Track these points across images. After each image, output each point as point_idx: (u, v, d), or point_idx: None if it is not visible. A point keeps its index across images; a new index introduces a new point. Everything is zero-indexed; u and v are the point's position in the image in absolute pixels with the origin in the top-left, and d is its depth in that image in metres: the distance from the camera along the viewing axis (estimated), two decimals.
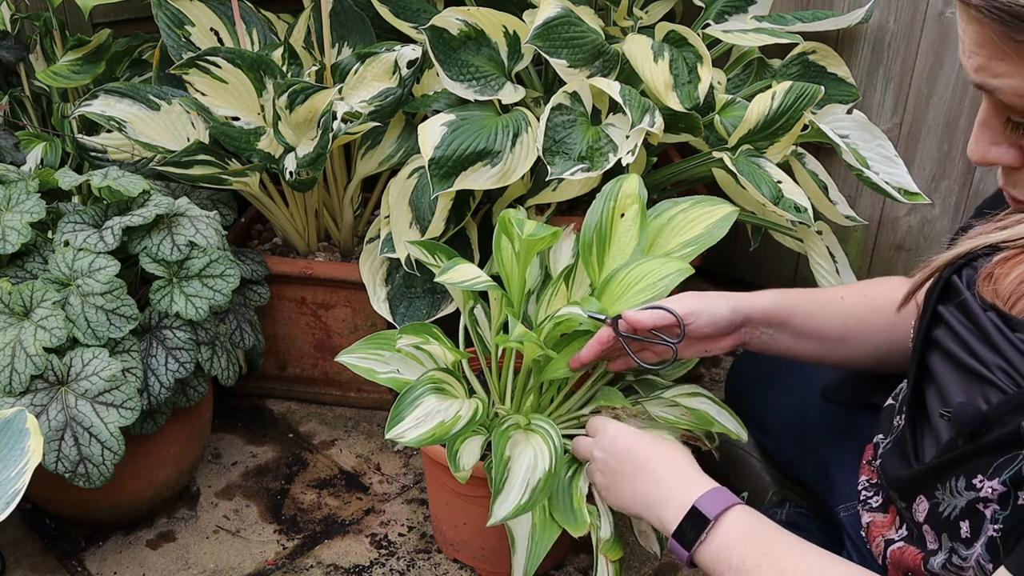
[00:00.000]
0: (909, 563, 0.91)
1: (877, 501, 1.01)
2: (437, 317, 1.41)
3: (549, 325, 1.11)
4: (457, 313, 1.37)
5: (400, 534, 1.37)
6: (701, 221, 1.20)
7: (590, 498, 1.11)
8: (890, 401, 1.02)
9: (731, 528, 0.91)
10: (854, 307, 1.10)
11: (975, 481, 0.80)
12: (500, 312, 1.20)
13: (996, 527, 0.79)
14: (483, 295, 1.26)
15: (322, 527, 1.38)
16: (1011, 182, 0.80)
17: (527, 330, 1.07)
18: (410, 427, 1.07)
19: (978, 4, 0.69)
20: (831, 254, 1.51)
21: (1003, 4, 0.68)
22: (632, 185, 1.20)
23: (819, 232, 1.51)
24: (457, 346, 1.23)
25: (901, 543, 0.93)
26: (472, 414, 1.11)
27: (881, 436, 1.00)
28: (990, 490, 0.79)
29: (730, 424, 1.16)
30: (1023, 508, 0.77)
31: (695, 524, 0.92)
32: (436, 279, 1.14)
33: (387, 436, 1.06)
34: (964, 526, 0.82)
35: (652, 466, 1.00)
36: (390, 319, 1.42)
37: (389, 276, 1.44)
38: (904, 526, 0.94)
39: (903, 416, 0.95)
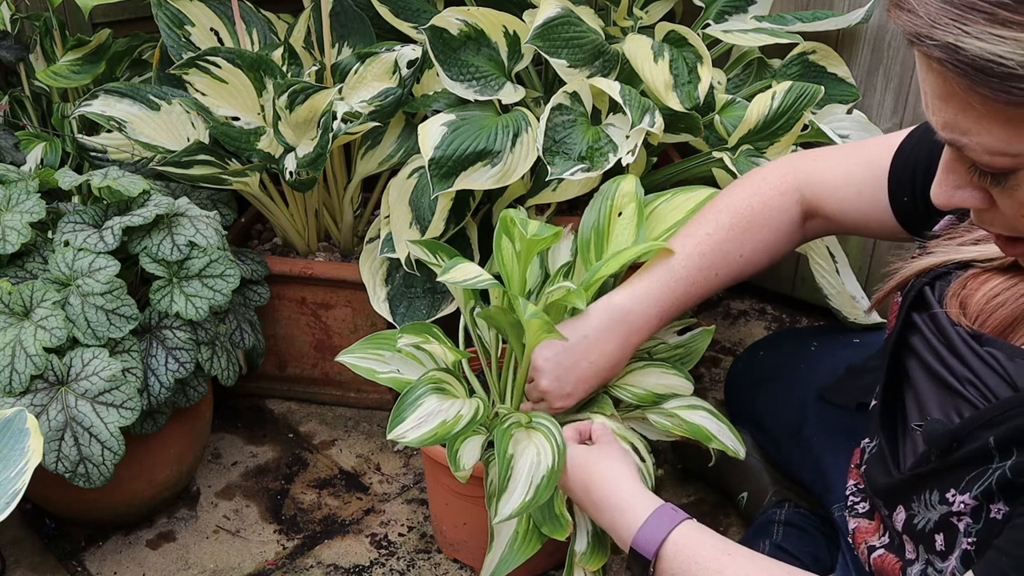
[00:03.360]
0: (889, 571, 0.91)
1: (864, 507, 1.01)
2: (437, 317, 1.41)
3: (543, 302, 1.11)
4: (457, 313, 1.37)
5: (400, 534, 1.37)
6: (682, 207, 1.22)
7: (570, 504, 1.11)
8: (875, 402, 1.02)
9: (671, 565, 0.94)
10: (734, 265, 1.13)
11: (948, 495, 0.81)
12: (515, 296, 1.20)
13: (970, 540, 0.79)
14: (484, 296, 1.26)
15: (322, 527, 1.38)
16: (983, 220, 0.78)
17: (537, 308, 1.06)
18: (412, 427, 1.07)
19: (940, 56, 0.64)
20: (831, 254, 1.51)
21: (967, 57, 0.63)
22: (629, 185, 1.21)
23: None
24: (457, 346, 1.23)
25: (882, 551, 0.93)
26: (473, 414, 1.11)
27: (868, 440, 1.01)
28: (962, 504, 0.79)
29: (729, 441, 1.16)
30: (995, 521, 0.77)
31: (639, 563, 0.96)
32: (439, 278, 1.14)
33: (389, 436, 1.06)
34: (939, 539, 0.83)
35: (594, 499, 1.04)
36: (390, 319, 1.42)
37: (389, 276, 1.44)
38: (887, 533, 0.94)
39: (878, 423, 0.96)
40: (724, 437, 1.16)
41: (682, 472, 1.46)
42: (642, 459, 1.14)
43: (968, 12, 0.63)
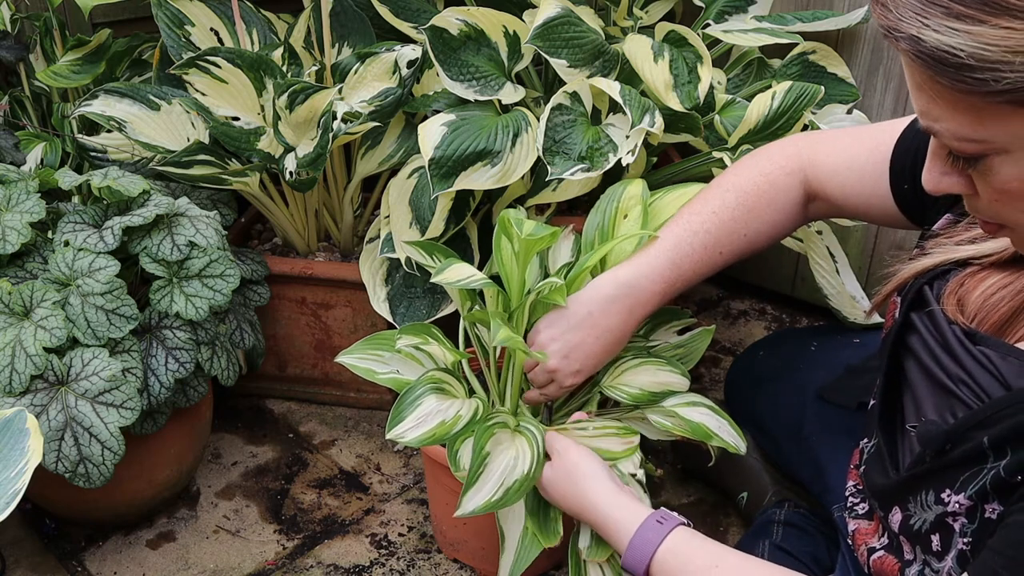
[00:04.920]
0: (888, 572, 0.91)
1: (863, 508, 1.01)
2: (437, 317, 1.41)
3: (531, 299, 1.12)
4: (457, 313, 1.37)
5: (400, 534, 1.37)
6: (673, 204, 1.23)
7: None
8: (873, 402, 1.02)
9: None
10: (738, 243, 1.13)
11: (943, 496, 0.81)
12: (496, 311, 1.20)
13: (965, 540, 0.80)
14: (482, 296, 1.26)
15: (322, 527, 1.38)
16: (972, 207, 0.80)
17: (512, 333, 1.07)
18: (411, 427, 1.07)
19: (906, 48, 0.69)
20: (831, 254, 1.51)
21: (927, 48, 0.67)
22: (636, 188, 1.21)
23: (819, 232, 1.51)
24: (457, 347, 1.23)
25: (882, 552, 0.93)
26: (472, 414, 1.11)
27: (866, 440, 1.01)
28: (957, 504, 0.80)
29: (730, 437, 1.16)
30: (990, 521, 0.78)
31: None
32: (432, 279, 1.14)
33: (388, 436, 1.06)
34: (935, 539, 0.83)
35: (586, 520, 1.05)
36: (390, 319, 1.42)
37: (389, 276, 1.44)
38: (886, 534, 0.94)
39: (876, 424, 0.96)
40: (725, 434, 1.16)
41: (682, 472, 1.46)
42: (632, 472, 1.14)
43: (928, 6, 0.67)
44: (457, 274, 1.12)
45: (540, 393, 1.17)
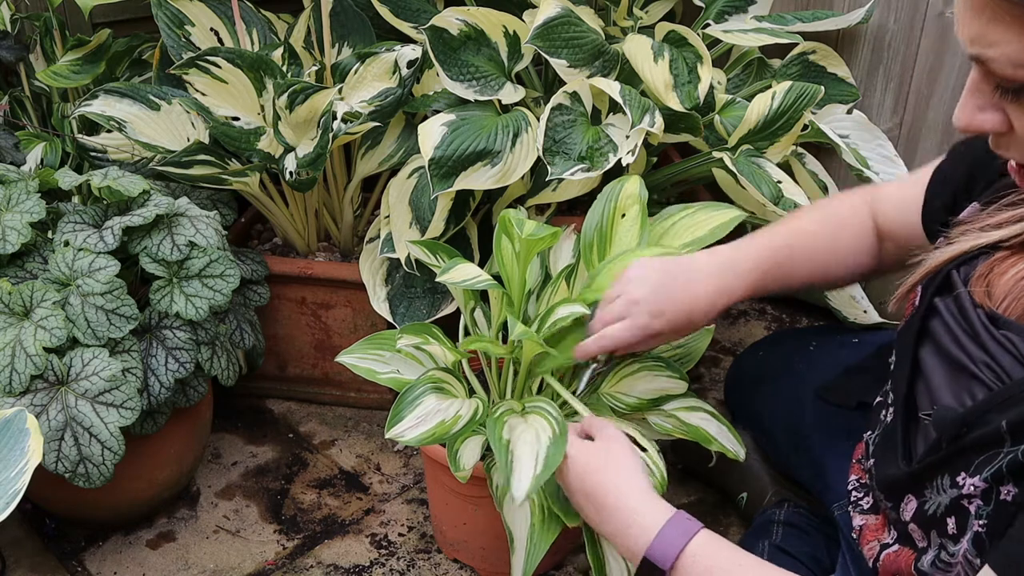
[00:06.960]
0: (902, 565, 0.91)
1: (867, 503, 1.01)
2: (437, 317, 1.41)
3: (550, 322, 1.11)
4: (457, 313, 1.37)
5: (400, 534, 1.37)
6: (704, 225, 1.21)
7: None
8: (879, 398, 1.02)
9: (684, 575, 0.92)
10: (821, 257, 1.15)
11: (958, 478, 0.81)
12: (500, 312, 1.20)
13: (981, 523, 0.79)
14: (483, 296, 1.26)
15: (322, 527, 1.38)
16: (1001, 145, 0.79)
17: (527, 328, 1.07)
18: (410, 426, 1.07)
19: None
20: None
21: None
22: (633, 186, 1.21)
23: None
24: (457, 346, 1.23)
25: (896, 546, 0.93)
26: (472, 414, 1.11)
27: (870, 432, 1.01)
28: (972, 487, 0.80)
29: (729, 443, 1.16)
30: (1005, 503, 0.77)
31: (651, 572, 0.93)
32: (437, 278, 1.14)
33: (387, 435, 1.06)
34: (950, 522, 0.83)
35: (597, 505, 1.00)
36: (390, 319, 1.42)
37: (389, 276, 1.44)
38: (894, 528, 0.94)
39: (890, 411, 0.95)
40: (724, 439, 1.16)
41: (682, 472, 1.46)
42: (643, 448, 1.11)
43: None
44: (462, 274, 1.12)
45: (599, 336, 1.11)
